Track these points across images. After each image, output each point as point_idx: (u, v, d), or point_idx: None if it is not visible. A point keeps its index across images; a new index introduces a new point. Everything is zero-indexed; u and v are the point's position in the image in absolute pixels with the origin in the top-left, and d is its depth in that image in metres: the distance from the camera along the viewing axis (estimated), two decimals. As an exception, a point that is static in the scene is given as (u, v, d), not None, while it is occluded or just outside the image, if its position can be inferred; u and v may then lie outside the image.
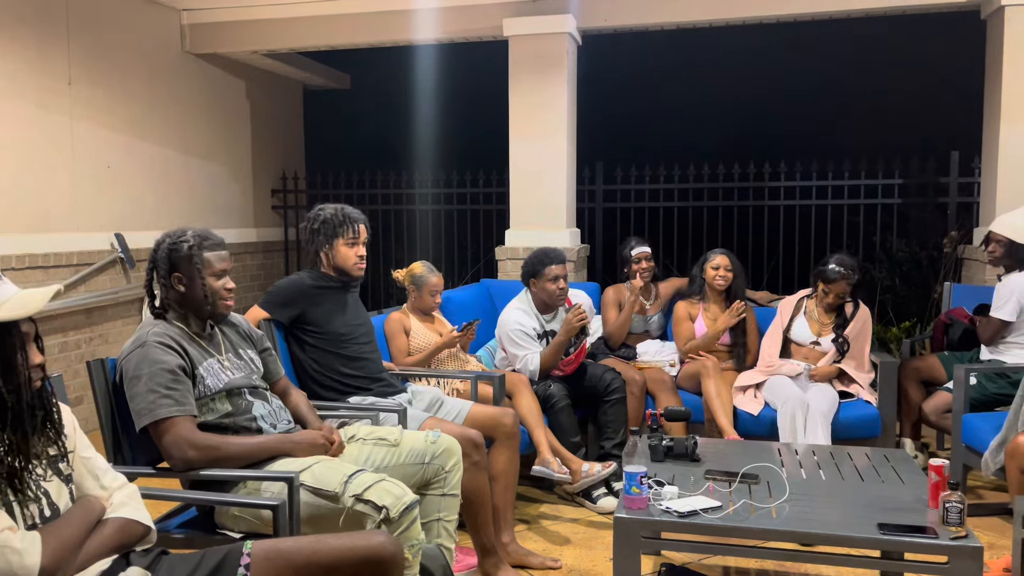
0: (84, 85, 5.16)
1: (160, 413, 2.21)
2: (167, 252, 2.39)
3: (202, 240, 2.41)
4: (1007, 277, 3.92)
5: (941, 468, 2.38)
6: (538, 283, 3.98)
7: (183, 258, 2.38)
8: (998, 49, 4.85)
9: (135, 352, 2.27)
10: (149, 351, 2.25)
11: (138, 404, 2.23)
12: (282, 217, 7.29)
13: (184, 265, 2.38)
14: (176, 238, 2.40)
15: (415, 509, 2.17)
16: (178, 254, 2.38)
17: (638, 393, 4.06)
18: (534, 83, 5.45)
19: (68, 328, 4.98)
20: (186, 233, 2.41)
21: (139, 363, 2.24)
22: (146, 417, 2.21)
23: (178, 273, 2.38)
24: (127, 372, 2.27)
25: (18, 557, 1.48)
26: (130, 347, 2.29)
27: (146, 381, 2.22)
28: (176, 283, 2.38)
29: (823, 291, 4.06)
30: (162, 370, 2.24)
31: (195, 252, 2.38)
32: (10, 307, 1.52)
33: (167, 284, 2.38)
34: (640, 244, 4.56)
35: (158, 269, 2.40)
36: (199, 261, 2.38)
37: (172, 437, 2.21)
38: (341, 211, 3.19)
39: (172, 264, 2.38)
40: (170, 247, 2.39)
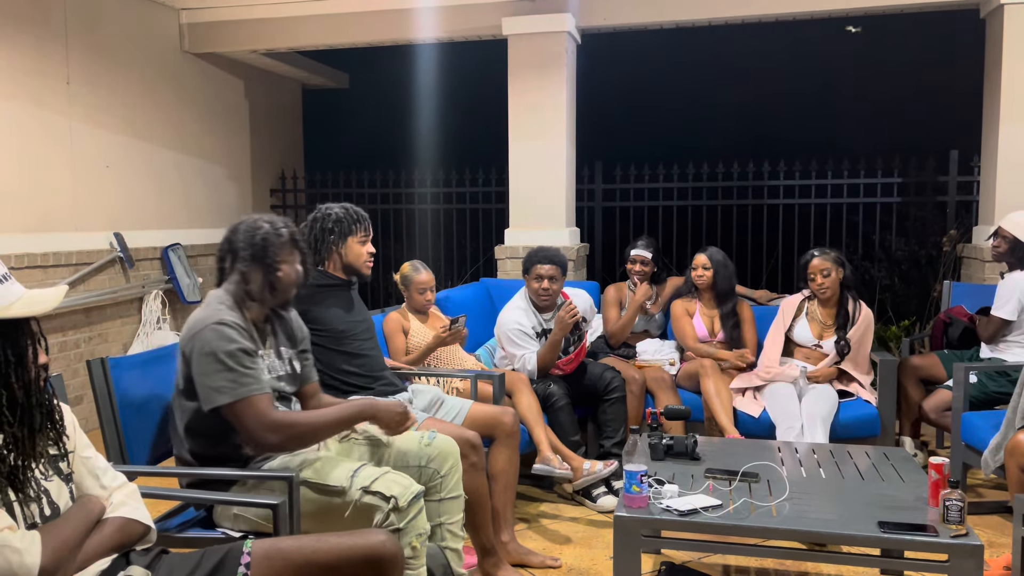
0: (83, 84, 5.16)
1: (242, 392, 2.15)
2: (273, 236, 2.35)
3: (292, 226, 2.41)
4: (1008, 276, 3.93)
5: (941, 466, 2.38)
6: (527, 280, 4.00)
7: (286, 243, 2.36)
8: (997, 48, 4.85)
9: (208, 329, 2.19)
10: (225, 330, 2.19)
11: (215, 382, 2.16)
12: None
13: (286, 250, 2.36)
14: (276, 225, 2.37)
15: (421, 499, 2.18)
16: (283, 239, 2.36)
17: (638, 392, 4.06)
18: (533, 82, 5.45)
19: (67, 327, 4.98)
20: (277, 220, 2.39)
21: (217, 340, 2.18)
22: (226, 396, 2.15)
23: (282, 259, 2.35)
24: (200, 348, 2.18)
25: (18, 556, 1.48)
26: (200, 324, 2.22)
27: (225, 359, 2.16)
28: (279, 269, 2.34)
29: (809, 278, 4.07)
30: (239, 350, 2.19)
31: (296, 237, 2.39)
32: (22, 305, 1.53)
33: (269, 269, 2.33)
34: (641, 247, 4.53)
35: (261, 255, 2.33)
36: (301, 247, 2.41)
37: (252, 418, 2.16)
38: (352, 209, 3.19)
39: (278, 249, 2.34)
40: (274, 232, 2.35)
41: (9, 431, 1.52)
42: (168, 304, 5.66)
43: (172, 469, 2.44)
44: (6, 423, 1.52)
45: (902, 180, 5.89)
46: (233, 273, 2.36)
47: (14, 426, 1.52)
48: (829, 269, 4.01)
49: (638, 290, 4.40)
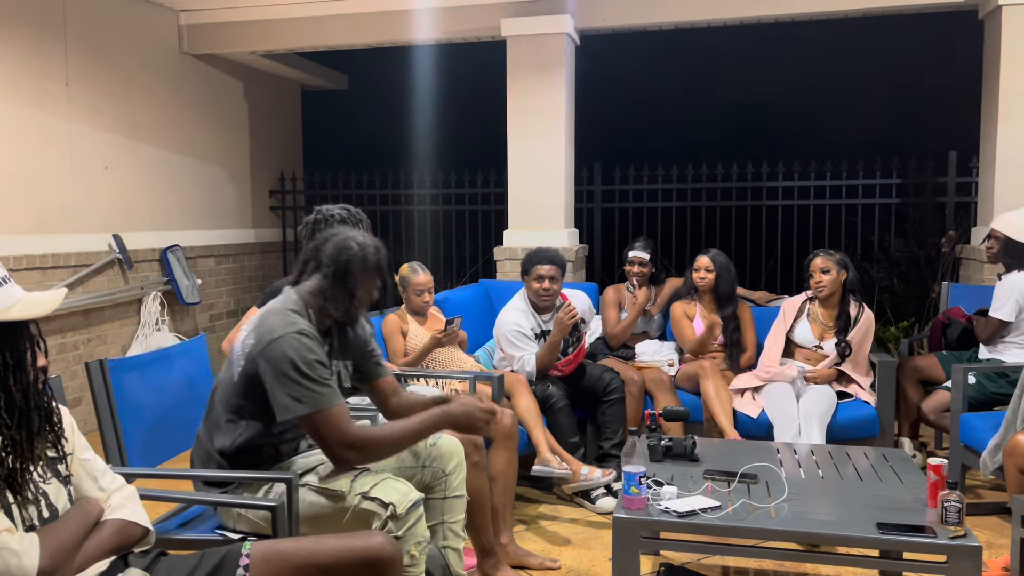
0: (81, 86, 5.16)
1: (322, 403, 2.13)
2: (360, 258, 2.31)
3: (380, 249, 2.38)
4: (1006, 276, 3.93)
5: (940, 467, 2.38)
6: (527, 280, 3.99)
7: (371, 267, 2.33)
8: (995, 49, 4.86)
9: (289, 338, 2.16)
10: (304, 340, 2.17)
11: (295, 392, 2.13)
12: (280, 218, 7.29)
13: (371, 274, 2.34)
14: (365, 246, 2.33)
15: (420, 507, 2.17)
16: (369, 262, 2.33)
17: (637, 393, 4.05)
18: (532, 83, 5.45)
19: (66, 329, 4.97)
20: (367, 241, 2.35)
21: (296, 351, 2.14)
22: (306, 406, 2.12)
23: (364, 282, 2.33)
24: (278, 357, 2.14)
25: (16, 559, 1.48)
26: (278, 331, 2.18)
27: (305, 370, 2.14)
28: (359, 289, 2.32)
29: (809, 275, 4.07)
30: (317, 361, 2.17)
31: (382, 264, 2.36)
32: (22, 307, 1.53)
33: (349, 290, 2.31)
34: (638, 248, 4.51)
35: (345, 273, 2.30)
36: (385, 273, 2.38)
37: (331, 431, 2.14)
38: (353, 211, 3.20)
39: (363, 271, 2.32)
40: (362, 253, 2.32)
41: (7, 434, 1.52)
42: (167, 306, 5.66)
43: (171, 471, 2.44)
44: (4, 426, 1.52)
45: (901, 181, 5.89)
46: (311, 279, 2.34)
47: (12, 429, 1.52)
48: (829, 268, 4.01)
49: (638, 295, 4.39)
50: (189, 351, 2.89)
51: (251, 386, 2.22)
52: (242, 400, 2.26)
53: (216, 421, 2.32)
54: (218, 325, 6.42)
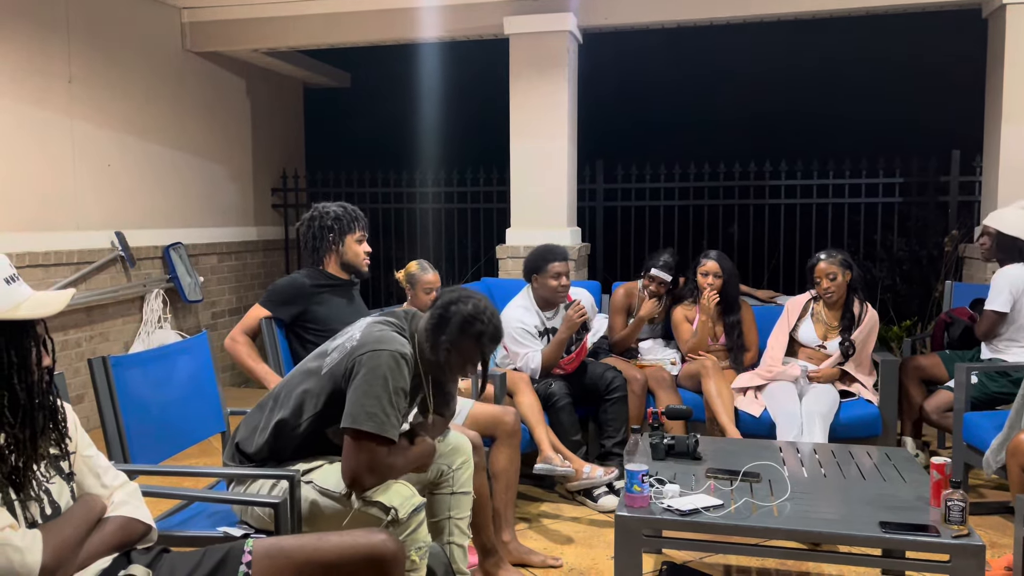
0: (84, 83, 5.16)
1: (385, 429, 2.11)
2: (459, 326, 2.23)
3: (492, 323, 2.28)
4: (1000, 269, 3.93)
5: (943, 467, 2.38)
6: (540, 279, 3.98)
7: (467, 340, 2.25)
8: (999, 48, 4.85)
9: (390, 356, 2.15)
10: (404, 366, 2.17)
11: (371, 407, 2.11)
12: (282, 216, 7.29)
13: (466, 345, 2.26)
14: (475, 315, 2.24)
15: (422, 511, 2.16)
16: (469, 334, 2.24)
17: (639, 391, 4.05)
18: (535, 81, 5.45)
19: (69, 326, 4.98)
20: (481, 309, 2.26)
21: (393, 371, 2.14)
22: (370, 424, 2.09)
23: (454, 350, 2.25)
24: (376, 365, 2.13)
25: (19, 555, 1.48)
26: (388, 343, 2.17)
27: (391, 392, 2.12)
28: (447, 355, 2.25)
29: (815, 280, 4.05)
30: (402, 389, 2.16)
31: (484, 342, 2.27)
32: (29, 307, 1.53)
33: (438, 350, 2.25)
34: (662, 268, 4.35)
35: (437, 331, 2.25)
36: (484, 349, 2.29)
37: (369, 454, 2.11)
38: (350, 208, 3.20)
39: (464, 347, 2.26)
40: (464, 321, 2.23)
41: (11, 432, 1.52)
42: (169, 303, 5.66)
43: (173, 468, 2.45)
44: (8, 424, 1.52)
45: (904, 180, 5.89)
46: (427, 327, 2.27)
47: (16, 427, 1.52)
48: (835, 273, 3.99)
49: (644, 307, 4.36)
50: (191, 348, 2.89)
51: (339, 383, 2.20)
52: (325, 392, 2.23)
53: (287, 398, 2.30)
54: (220, 323, 6.43)
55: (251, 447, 2.32)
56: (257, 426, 2.34)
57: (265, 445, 2.30)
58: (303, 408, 2.26)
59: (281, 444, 2.30)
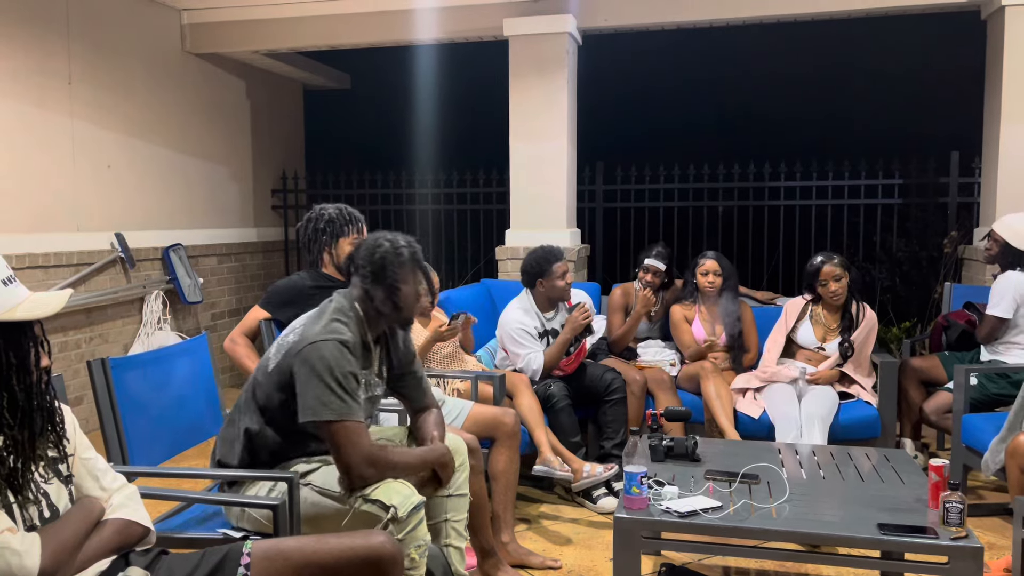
0: (84, 84, 5.16)
1: (347, 414, 2.14)
2: (393, 255, 2.32)
3: (415, 246, 2.39)
4: (1003, 274, 3.92)
5: (941, 468, 2.38)
6: (547, 282, 3.98)
7: (405, 263, 2.34)
8: (998, 49, 4.85)
9: (331, 345, 2.18)
10: (343, 352, 2.19)
11: (324, 397, 2.13)
12: (282, 217, 7.29)
13: (406, 271, 2.34)
14: (396, 244, 2.35)
15: (421, 510, 2.16)
16: (403, 259, 2.34)
17: (638, 393, 4.05)
18: (534, 83, 5.45)
19: (68, 328, 4.98)
20: (398, 238, 2.37)
21: (336, 358, 2.16)
22: (331, 413, 2.13)
23: (402, 280, 2.33)
24: (316, 359, 2.15)
25: (18, 558, 1.48)
26: (323, 335, 2.20)
27: (340, 378, 2.14)
28: (398, 288, 2.32)
29: (820, 284, 4.04)
30: (351, 373, 2.18)
31: (418, 258, 2.37)
32: (27, 308, 1.53)
33: (390, 288, 2.31)
34: (656, 257, 4.44)
35: (381, 272, 2.32)
36: (424, 268, 2.39)
37: (351, 445, 2.13)
38: (345, 210, 3.20)
39: (399, 268, 2.33)
40: (395, 251, 2.33)
41: (9, 434, 1.52)
42: (169, 304, 5.66)
43: (172, 470, 2.45)
44: (6, 426, 1.51)
45: (903, 181, 5.89)
46: (356, 287, 2.36)
47: (14, 429, 1.52)
48: (840, 275, 3.99)
49: (640, 300, 4.37)
50: (191, 350, 2.89)
51: (283, 381, 2.24)
52: (274, 390, 2.27)
53: (246, 405, 2.34)
54: (220, 324, 6.43)
55: (233, 460, 2.34)
56: (232, 439, 2.36)
57: (244, 454, 2.32)
58: (263, 412, 2.29)
59: (256, 451, 2.31)
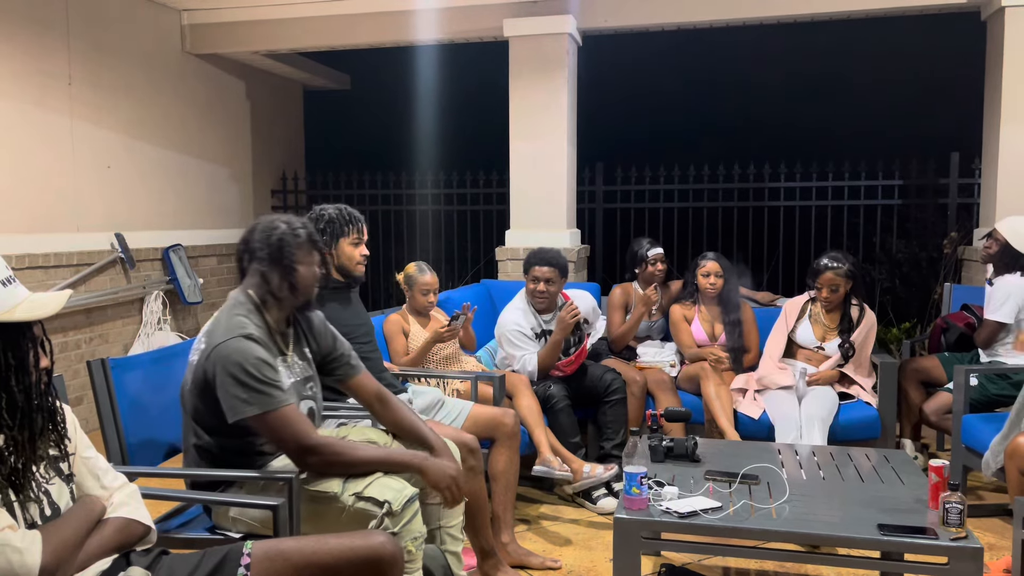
0: (84, 85, 5.16)
1: (271, 403, 2.14)
2: (290, 236, 2.32)
3: (310, 227, 2.40)
4: (1000, 280, 3.89)
5: (941, 469, 2.38)
6: (526, 280, 4.00)
7: (303, 243, 2.34)
8: (998, 50, 4.85)
9: (234, 343, 2.17)
10: (250, 344, 2.18)
11: (242, 393, 2.13)
12: (282, 217, 7.28)
13: (303, 251, 2.34)
14: (293, 225, 2.35)
15: (416, 502, 2.16)
16: (300, 239, 2.34)
17: (638, 393, 4.05)
18: (534, 84, 5.45)
19: (68, 328, 4.98)
20: (293, 220, 2.37)
21: (243, 354, 2.15)
22: (254, 407, 2.12)
23: (299, 260, 2.33)
24: (225, 360, 2.15)
25: (18, 556, 1.48)
26: (225, 335, 2.19)
27: (253, 371, 2.14)
28: (297, 268, 2.32)
29: (816, 287, 4.05)
30: (264, 362, 2.17)
31: (314, 238, 2.38)
32: (26, 308, 1.53)
33: (287, 269, 2.31)
34: (655, 245, 4.54)
35: (278, 254, 2.31)
36: (320, 247, 2.40)
37: (287, 431, 2.14)
38: (345, 210, 3.19)
39: (296, 249, 2.33)
40: (291, 232, 2.33)
41: (10, 434, 1.52)
42: (169, 305, 5.66)
43: (173, 470, 2.44)
44: (5, 426, 1.52)
45: (903, 182, 5.89)
46: (252, 274, 2.35)
47: (14, 429, 1.52)
48: (838, 285, 3.99)
49: (640, 299, 4.37)
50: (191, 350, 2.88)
51: (205, 390, 2.23)
52: (199, 402, 2.26)
53: (186, 427, 2.35)
54: (220, 324, 6.42)
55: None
56: (194, 462, 2.35)
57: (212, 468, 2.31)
58: (202, 426, 2.29)
59: (218, 462, 2.30)
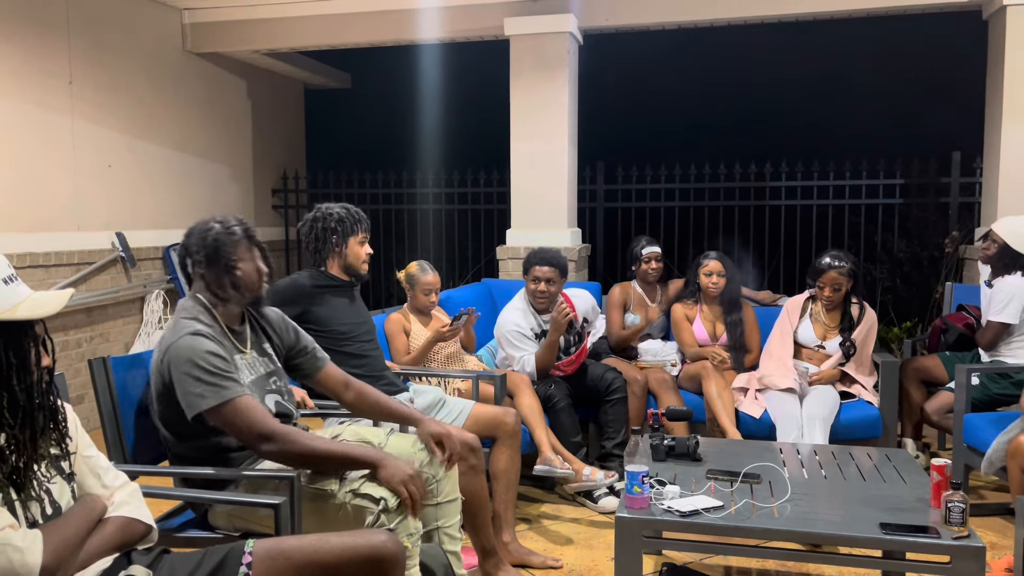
0: (85, 84, 5.16)
1: (225, 395, 2.14)
2: (224, 235, 2.33)
3: (247, 223, 2.40)
4: (1001, 281, 3.87)
5: (943, 468, 2.38)
6: (526, 280, 3.99)
7: (239, 241, 2.35)
8: (1000, 49, 4.85)
9: (184, 341, 2.18)
10: (198, 340, 2.19)
11: (196, 388, 2.14)
12: (282, 217, 7.29)
13: (241, 248, 2.34)
14: (228, 224, 2.35)
15: None
16: (235, 237, 2.34)
17: (639, 393, 4.05)
18: (535, 83, 5.45)
19: (69, 327, 4.98)
20: (229, 219, 2.38)
21: (193, 351, 2.16)
22: (210, 400, 2.13)
23: (238, 257, 2.33)
24: (176, 360, 2.17)
25: (19, 555, 1.48)
26: (172, 338, 2.21)
27: (204, 365, 2.14)
28: (236, 267, 2.32)
29: (818, 286, 4.05)
30: (213, 354, 2.18)
31: (251, 234, 2.38)
32: (27, 307, 1.53)
33: (226, 268, 2.31)
34: (651, 244, 4.55)
35: (215, 255, 2.31)
36: (258, 242, 2.39)
37: (243, 422, 2.14)
38: (353, 210, 3.20)
39: (232, 247, 2.33)
40: (226, 232, 2.33)
41: (11, 433, 1.52)
42: (170, 304, 5.66)
43: (173, 469, 2.44)
44: (7, 425, 1.51)
45: (904, 181, 5.89)
46: (196, 278, 2.36)
47: (16, 428, 1.52)
48: (841, 284, 3.98)
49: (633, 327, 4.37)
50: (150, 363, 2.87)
51: (165, 394, 2.24)
52: (165, 409, 2.27)
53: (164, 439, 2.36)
54: (220, 323, 6.42)
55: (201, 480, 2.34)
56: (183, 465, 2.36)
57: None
58: (173, 432, 2.29)
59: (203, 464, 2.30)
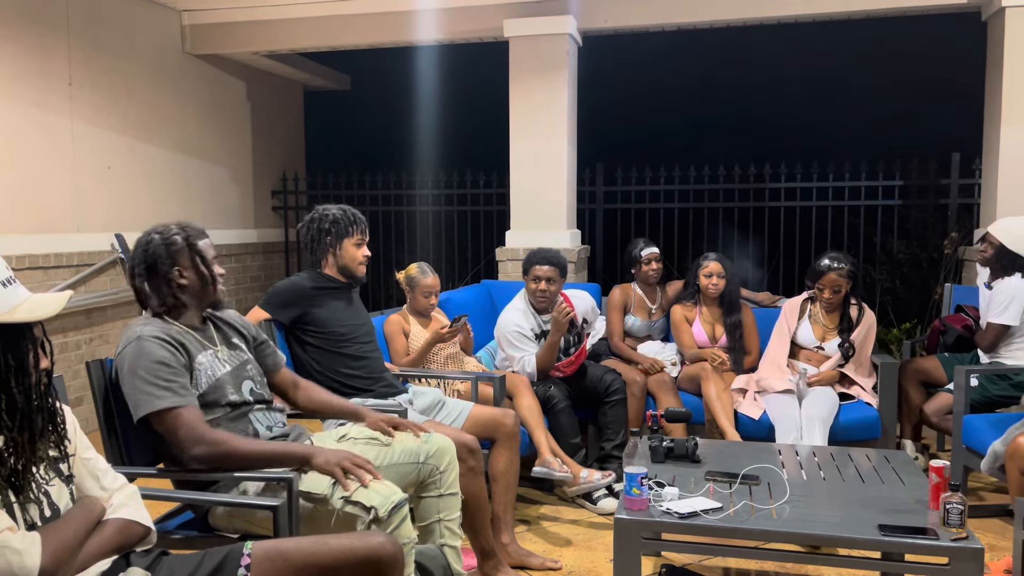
0: (84, 86, 5.16)
1: (159, 404, 2.16)
2: (163, 247, 2.36)
3: (189, 231, 2.42)
4: (1000, 283, 3.87)
5: (942, 469, 2.38)
6: (527, 280, 4.00)
7: (180, 250, 2.37)
8: (999, 51, 4.85)
9: (129, 347, 2.22)
10: (144, 345, 2.20)
11: (135, 396, 2.18)
12: (282, 218, 7.29)
13: (183, 256, 2.37)
14: (167, 234, 2.39)
15: (404, 507, 2.15)
16: (175, 247, 2.37)
17: (639, 394, 4.05)
18: (535, 84, 5.45)
19: (68, 329, 4.98)
20: (170, 227, 2.41)
21: (135, 357, 2.19)
22: (144, 408, 2.16)
23: (179, 266, 2.36)
24: (122, 367, 2.22)
25: (18, 557, 1.48)
26: (123, 343, 2.25)
27: (143, 374, 2.17)
28: (178, 276, 2.35)
29: (818, 288, 4.05)
30: (159, 363, 2.19)
31: (192, 242, 2.40)
32: (26, 309, 1.53)
33: (167, 279, 2.34)
34: (648, 245, 4.55)
35: (154, 267, 2.35)
36: (198, 249, 2.40)
37: (176, 429, 2.16)
38: (349, 211, 3.20)
39: (171, 258, 2.36)
40: (164, 242, 2.37)
41: (9, 435, 1.52)
42: (169, 305, 5.66)
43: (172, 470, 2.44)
44: (5, 428, 1.51)
45: (903, 183, 5.89)
46: (144, 292, 2.36)
47: (14, 431, 1.52)
48: (840, 286, 3.98)
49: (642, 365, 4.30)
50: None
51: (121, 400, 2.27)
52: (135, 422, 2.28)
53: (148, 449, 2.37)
54: (220, 325, 6.42)
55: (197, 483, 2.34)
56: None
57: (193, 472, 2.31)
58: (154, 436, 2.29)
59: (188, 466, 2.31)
